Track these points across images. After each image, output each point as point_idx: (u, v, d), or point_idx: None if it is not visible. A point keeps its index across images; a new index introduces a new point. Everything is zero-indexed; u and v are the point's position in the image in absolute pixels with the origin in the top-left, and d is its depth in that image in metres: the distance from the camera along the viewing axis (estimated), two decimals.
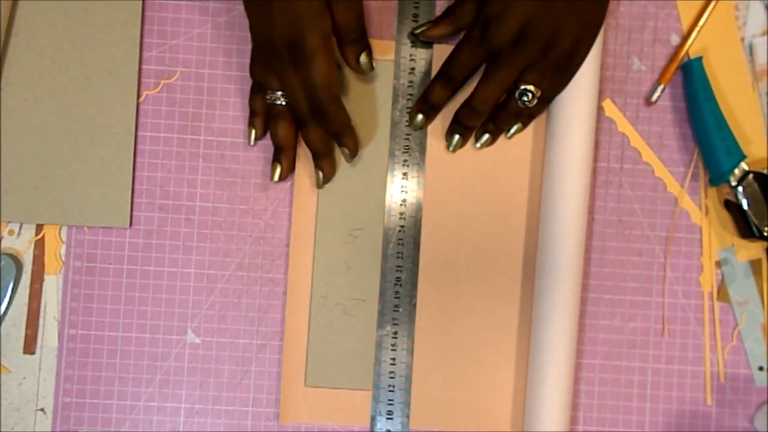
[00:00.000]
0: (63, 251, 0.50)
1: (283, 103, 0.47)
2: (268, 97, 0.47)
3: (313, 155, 0.49)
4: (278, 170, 0.48)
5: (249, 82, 0.49)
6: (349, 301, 0.50)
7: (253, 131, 0.49)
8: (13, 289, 0.49)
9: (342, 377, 0.50)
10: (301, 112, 0.46)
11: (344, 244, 0.50)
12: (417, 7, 0.50)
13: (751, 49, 0.51)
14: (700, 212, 0.51)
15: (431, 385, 0.50)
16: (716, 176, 0.50)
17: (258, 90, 0.48)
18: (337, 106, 0.46)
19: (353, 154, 0.49)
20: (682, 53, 0.51)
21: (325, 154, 0.48)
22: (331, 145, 0.49)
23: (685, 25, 0.51)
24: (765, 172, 0.49)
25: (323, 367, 0.49)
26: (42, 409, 0.49)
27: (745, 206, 0.49)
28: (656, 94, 0.51)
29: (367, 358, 0.50)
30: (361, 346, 0.50)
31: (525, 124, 0.49)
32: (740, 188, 0.49)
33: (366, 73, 0.48)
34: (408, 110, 0.50)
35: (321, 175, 0.49)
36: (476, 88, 0.47)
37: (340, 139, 0.48)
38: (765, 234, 0.49)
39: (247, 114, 0.50)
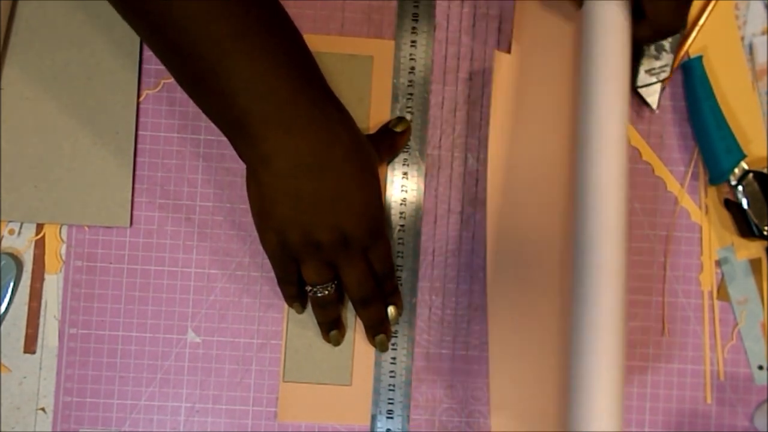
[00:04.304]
0: (63, 251, 0.50)
1: (333, 290, 0.46)
2: (313, 290, 0.46)
3: (370, 327, 0.49)
4: (338, 338, 0.49)
5: None
6: None
7: (299, 306, 0.48)
8: (13, 289, 0.49)
9: (320, 373, 0.50)
10: (365, 293, 0.46)
11: None
12: (417, 7, 0.50)
13: (751, 49, 0.51)
14: (700, 211, 0.51)
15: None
16: (716, 175, 0.50)
17: (291, 282, 0.47)
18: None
19: (400, 312, 0.49)
20: (682, 52, 0.51)
21: (384, 319, 0.48)
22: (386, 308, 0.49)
23: None
24: (765, 171, 0.49)
25: (301, 362, 0.49)
26: (42, 409, 0.49)
27: (745, 205, 0.49)
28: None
29: (345, 353, 0.50)
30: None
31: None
32: (740, 187, 0.49)
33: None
34: (408, 110, 0.50)
35: (383, 339, 0.49)
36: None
37: (393, 298, 0.49)
38: (765, 233, 0.49)
39: None
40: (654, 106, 0.50)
